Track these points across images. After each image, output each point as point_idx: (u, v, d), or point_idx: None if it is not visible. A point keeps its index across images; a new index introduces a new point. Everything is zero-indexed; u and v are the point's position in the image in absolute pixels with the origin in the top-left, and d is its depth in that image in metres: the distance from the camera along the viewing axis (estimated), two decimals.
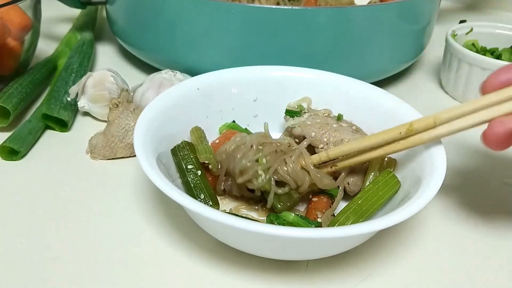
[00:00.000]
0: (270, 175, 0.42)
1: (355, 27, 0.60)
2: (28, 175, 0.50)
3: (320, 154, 0.44)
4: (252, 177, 0.42)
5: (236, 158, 0.43)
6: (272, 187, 0.42)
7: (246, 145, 0.43)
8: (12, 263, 0.40)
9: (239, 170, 0.42)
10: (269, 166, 0.42)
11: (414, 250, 0.43)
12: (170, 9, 0.61)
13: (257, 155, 0.42)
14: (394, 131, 0.42)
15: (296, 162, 0.43)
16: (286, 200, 0.43)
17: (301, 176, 0.43)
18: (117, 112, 0.53)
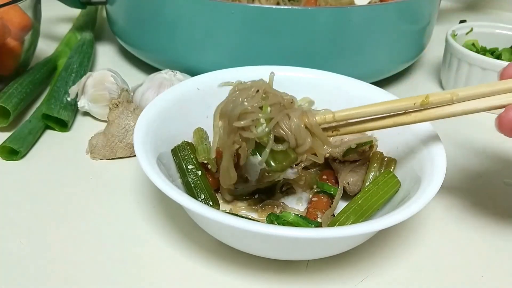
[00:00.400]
0: (271, 127, 0.38)
1: (355, 27, 0.60)
2: (28, 175, 0.50)
3: (325, 114, 0.41)
4: (251, 124, 0.38)
5: (237, 100, 0.39)
6: (270, 141, 0.39)
7: (251, 88, 0.39)
8: (12, 263, 0.40)
9: (239, 112, 0.39)
10: (271, 117, 0.38)
11: (414, 250, 0.43)
12: (170, 9, 0.61)
13: (262, 101, 0.39)
14: (408, 101, 0.40)
15: (299, 118, 0.39)
16: (282, 158, 0.39)
17: (303, 134, 0.39)
18: (117, 112, 0.53)
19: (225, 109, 0.40)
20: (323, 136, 0.40)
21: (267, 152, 0.39)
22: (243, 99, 0.39)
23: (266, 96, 0.39)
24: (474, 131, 0.61)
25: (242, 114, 0.39)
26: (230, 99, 0.40)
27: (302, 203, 0.47)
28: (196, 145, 0.47)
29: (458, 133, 0.61)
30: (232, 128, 0.39)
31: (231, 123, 0.39)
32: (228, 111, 0.39)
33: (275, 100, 0.39)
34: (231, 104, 0.39)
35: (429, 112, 0.40)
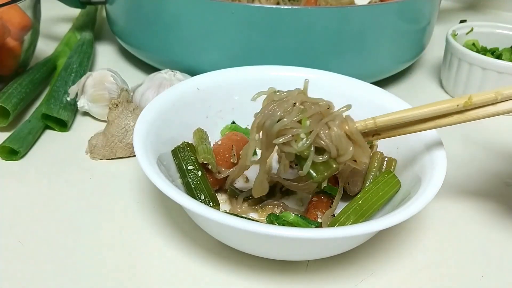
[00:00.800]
0: (312, 140, 0.37)
1: (355, 27, 0.60)
2: (28, 175, 0.50)
3: (366, 121, 0.40)
4: (291, 139, 0.38)
5: (275, 115, 0.38)
6: (311, 153, 0.38)
7: (287, 101, 0.38)
8: (12, 263, 0.40)
9: (277, 129, 0.38)
10: (311, 129, 0.38)
11: (414, 250, 0.43)
12: (170, 9, 0.61)
13: (300, 115, 0.38)
14: (450, 103, 0.39)
15: (339, 127, 0.38)
16: (324, 169, 0.39)
17: (344, 144, 0.38)
18: (117, 112, 0.53)
19: (262, 123, 0.39)
20: (364, 144, 0.40)
21: (308, 165, 0.38)
22: (281, 113, 0.38)
23: (304, 108, 0.38)
24: (474, 131, 0.61)
25: (281, 130, 0.38)
26: (267, 114, 0.39)
27: (302, 203, 0.47)
28: (196, 146, 0.47)
29: (458, 133, 0.61)
30: (271, 142, 0.39)
31: (270, 138, 0.39)
32: (266, 127, 0.39)
33: (313, 111, 0.38)
34: (268, 120, 0.39)
35: (471, 113, 0.39)
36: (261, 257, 0.41)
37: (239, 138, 0.50)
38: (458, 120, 0.39)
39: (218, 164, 0.46)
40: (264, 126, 0.39)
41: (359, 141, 0.39)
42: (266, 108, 0.40)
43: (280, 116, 0.38)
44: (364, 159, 0.40)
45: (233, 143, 0.49)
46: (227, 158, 0.48)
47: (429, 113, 0.39)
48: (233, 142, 0.49)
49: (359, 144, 0.39)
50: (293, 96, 0.39)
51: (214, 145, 0.49)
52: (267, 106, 0.40)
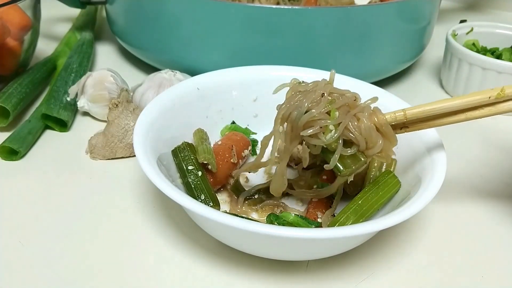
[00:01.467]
0: (340, 132, 0.36)
1: (355, 27, 0.60)
2: (28, 175, 0.50)
3: (396, 113, 0.39)
4: (319, 131, 0.36)
5: (302, 106, 0.37)
6: (339, 146, 0.37)
7: (315, 92, 0.37)
8: (12, 263, 0.40)
9: (306, 120, 0.36)
10: (340, 121, 0.36)
11: (414, 251, 0.43)
12: (170, 9, 0.61)
13: (329, 106, 0.36)
14: (482, 94, 0.38)
15: (369, 119, 0.37)
16: (351, 163, 0.37)
17: (374, 136, 0.37)
18: (117, 112, 0.53)
19: (287, 114, 0.38)
20: (393, 136, 0.39)
21: (336, 158, 0.37)
22: (309, 104, 0.37)
23: (332, 99, 0.37)
24: (474, 132, 0.61)
25: (309, 122, 0.37)
26: (293, 104, 0.38)
27: (302, 203, 0.47)
28: (196, 146, 0.47)
29: (458, 133, 0.61)
30: (297, 135, 0.38)
31: (296, 130, 0.38)
32: (293, 118, 0.37)
33: (341, 102, 0.37)
34: (295, 111, 0.37)
35: (503, 105, 0.38)
36: (261, 257, 0.41)
37: (239, 138, 0.51)
38: (489, 113, 0.39)
39: (218, 164, 0.46)
40: (290, 117, 0.38)
41: (388, 134, 0.38)
42: (291, 99, 0.38)
43: (308, 107, 0.37)
44: (391, 153, 0.39)
45: (233, 143, 0.49)
46: (227, 158, 0.48)
47: (460, 105, 0.38)
48: (233, 142, 0.49)
49: (388, 137, 0.38)
50: (321, 86, 0.37)
51: (214, 145, 0.49)
52: (293, 97, 0.38)
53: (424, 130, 0.45)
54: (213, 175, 0.46)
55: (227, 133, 0.52)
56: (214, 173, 0.46)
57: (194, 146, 0.47)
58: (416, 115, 0.39)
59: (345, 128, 0.37)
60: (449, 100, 0.39)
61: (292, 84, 0.40)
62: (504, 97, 0.38)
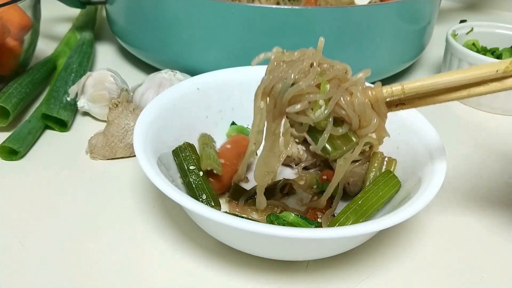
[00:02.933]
0: (331, 108, 0.32)
1: (355, 27, 0.60)
2: (28, 175, 0.50)
3: (393, 87, 0.35)
4: (307, 107, 0.32)
5: (289, 78, 0.31)
6: (328, 124, 0.32)
7: (302, 61, 0.32)
8: (12, 263, 0.40)
9: (292, 94, 0.31)
10: (331, 96, 0.31)
11: (414, 251, 0.43)
12: (170, 9, 0.61)
13: (319, 78, 0.32)
14: (489, 68, 0.34)
15: (363, 94, 0.33)
16: (342, 143, 0.33)
17: (369, 114, 0.32)
18: (117, 112, 0.53)
19: (269, 88, 0.33)
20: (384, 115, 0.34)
21: (325, 138, 0.33)
22: (296, 76, 0.32)
23: (323, 70, 0.32)
24: (474, 132, 0.61)
25: (296, 95, 0.32)
26: (276, 76, 0.33)
27: (302, 203, 0.47)
28: (200, 153, 0.46)
29: (458, 133, 0.61)
30: (280, 112, 0.33)
31: (281, 106, 0.33)
32: (277, 92, 0.32)
33: (332, 74, 0.32)
34: (279, 84, 0.32)
35: (510, 81, 0.34)
36: (261, 257, 0.41)
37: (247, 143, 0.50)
38: (494, 89, 0.35)
39: (225, 169, 0.46)
40: (274, 91, 0.33)
41: (381, 111, 0.34)
42: (274, 70, 0.33)
43: (295, 79, 0.32)
44: (385, 133, 0.35)
45: (242, 149, 0.48)
46: (234, 165, 0.47)
47: (464, 79, 0.34)
48: (242, 148, 0.49)
49: (381, 116, 0.34)
50: (309, 55, 0.32)
51: (222, 147, 0.49)
52: (276, 68, 0.33)
53: (424, 130, 0.45)
54: (218, 179, 0.46)
55: (235, 136, 0.51)
56: (219, 177, 0.46)
57: (195, 146, 0.47)
58: (415, 90, 0.35)
59: (336, 104, 0.32)
60: (451, 74, 0.35)
61: (275, 53, 0.34)
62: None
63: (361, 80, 0.34)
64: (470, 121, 0.64)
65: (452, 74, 0.35)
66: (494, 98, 0.64)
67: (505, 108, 0.65)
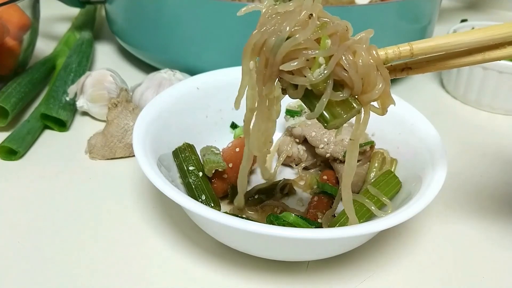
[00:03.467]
0: (332, 68, 0.28)
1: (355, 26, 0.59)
2: (27, 175, 0.50)
3: (400, 47, 0.31)
4: (305, 65, 0.27)
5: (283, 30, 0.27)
6: (328, 87, 0.28)
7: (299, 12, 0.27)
8: (11, 263, 0.40)
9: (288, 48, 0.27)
10: (332, 53, 0.28)
11: (414, 251, 0.43)
12: (170, 9, 0.61)
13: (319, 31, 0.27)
14: (505, 28, 0.30)
15: (367, 53, 0.29)
16: (342, 111, 0.29)
17: (373, 77, 0.28)
18: (116, 111, 0.53)
19: (260, 43, 0.28)
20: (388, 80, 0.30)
21: (324, 103, 0.28)
22: (292, 28, 0.27)
23: (322, 23, 0.28)
24: (475, 132, 0.61)
25: (292, 51, 0.28)
26: (267, 28, 0.28)
27: (302, 203, 0.47)
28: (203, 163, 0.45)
29: (459, 133, 0.60)
30: (273, 72, 0.29)
31: (273, 65, 0.28)
32: (269, 48, 0.28)
33: (333, 28, 0.28)
34: (273, 37, 0.28)
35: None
36: (261, 257, 0.40)
37: None
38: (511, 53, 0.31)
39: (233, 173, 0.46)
40: (266, 46, 0.28)
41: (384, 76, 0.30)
42: (266, 22, 0.29)
43: (291, 32, 0.27)
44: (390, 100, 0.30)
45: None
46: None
47: (479, 40, 0.31)
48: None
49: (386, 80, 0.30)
50: (307, 6, 0.28)
51: (230, 149, 0.49)
52: (269, 21, 0.29)
53: (424, 130, 0.45)
54: (223, 181, 0.46)
55: (243, 138, 0.50)
56: (225, 179, 0.46)
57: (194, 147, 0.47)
58: (424, 51, 0.31)
59: (338, 64, 0.28)
60: (464, 35, 0.31)
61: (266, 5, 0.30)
62: None
63: (365, 38, 0.30)
64: (470, 121, 0.64)
65: (464, 35, 0.31)
66: (494, 98, 0.64)
67: (505, 108, 0.65)
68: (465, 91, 0.67)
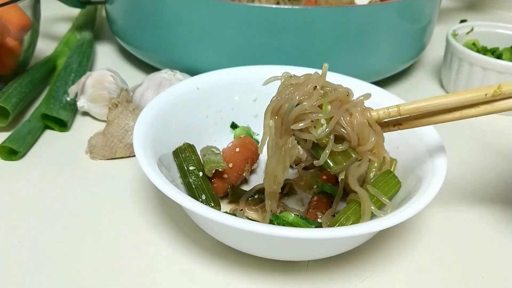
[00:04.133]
0: (332, 127, 0.35)
1: (355, 27, 0.60)
2: (27, 175, 0.50)
3: (389, 108, 0.38)
4: (310, 125, 0.35)
5: (294, 99, 0.36)
6: (330, 141, 0.36)
7: (307, 84, 0.36)
8: (11, 263, 0.40)
9: (296, 113, 0.36)
10: (332, 115, 0.35)
11: (414, 251, 0.43)
12: (170, 9, 0.61)
13: (321, 99, 0.36)
14: (478, 92, 0.36)
15: (362, 114, 0.36)
16: (342, 159, 0.36)
17: (366, 132, 0.36)
18: (117, 112, 0.53)
19: (277, 107, 0.37)
20: (381, 134, 0.38)
21: (326, 154, 0.36)
22: (300, 97, 0.36)
23: (324, 92, 0.36)
24: (475, 131, 0.61)
25: (300, 115, 0.36)
26: (283, 97, 0.37)
27: (302, 203, 0.47)
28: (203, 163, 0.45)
29: (459, 133, 0.60)
30: (287, 129, 0.37)
31: (287, 124, 0.37)
32: (283, 112, 0.36)
33: (334, 96, 0.36)
34: (286, 104, 0.36)
35: (500, 104, 0.37)
36: (261, 257, 0.41)
37: (254, 149, 0.50)
38: (485, 111, 0.37)
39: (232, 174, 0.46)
40: (281, 110, 0.37)
41: (377, 131, 0.37)
42: (282, 92, 0.37)
43: (299, 100, 0.36)
44: (383, 151, 0.38)
45: (249, 154, 0.48)
46: (241, 170, 0.47)
47: (456, 102, 0.37)
48: (249, 153, 0.49)
49: (379, 135, 0.37)
50: (313, 79, 0.37)
51: (231, 150, 0.49)
52: (284, 90, 0.37)
53: (424, 130, 0.45)
54: (223, 181, 0.46)
55: (242, 139, 0.51)
56: (225, 179, 0.46)
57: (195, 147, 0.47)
58: (410, 111, 0.38)
59: (337, 123, 0.36)
60: (444, 97, 0.37)
61: (283, 77, 0.39)
62: (501, 95, 0.36)
63: (360, 102, 0.37)
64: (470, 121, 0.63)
65: (444, 98, 0.37)
66: None
67: None
68: None
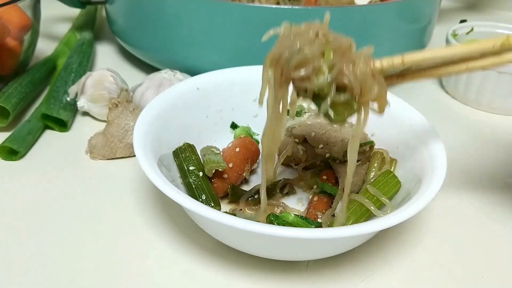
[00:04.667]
0: (334, 75, 0.34)
1: (355, 27, 0.60)
2: (28, 175, 0.50)
3: (394, 58, 0.37)
4: (312, 73, 0.34)
5: (295, 45, 0.34)
6: (331, 91, 0.34)
7: (308, 32, 0.35)
8: (12, 263, 0.40)
9: (297, 61, 0.34)
10: (334, 63, 0.34)
11: (414, 251, 0.43)
12: (170, 9, 0.61)
13: (323, 46, 0.34)
14: (486, 43, 0.36)
15: (365, 63, 0.35)
16: (343, 110, 0.35)
17: (370, 82, 0.35)
18: (117, 112, 0.53)
19: (277, 56, 0.35)
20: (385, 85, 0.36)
21: (327, 103, 0.34)
22: (302, 44, 0.34)
23: (326, 40, 0.35)
24: (474, 132, 0.61)
25: (301, 62, 0.34)
26: (284, 45, 0.35)
27: (302, 203, 0.47)
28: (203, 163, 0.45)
29: (458, 133, 0.61)
30: (287, 79, 0.36)
31: (287, 73, 0.35)
32: (283, 59, 0.35)
33: (336, 44, 0.35)
34: (286, 51, 0.35)
35: (507, 55, 0.36)
36: (261, 257, 0.41)
37: (254, 149, 0.50)
38: (492, 63, 0.36)
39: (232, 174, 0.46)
40: (281, 58, 0.35)
41: (382, 82, 0.36)
42: (282, 40, 0.36)
43: (300, 47, 0.34)
44: (385, 102, 0.36)
45: (249, 155, 0.48)
46: (241, 171, 0.47)
47: (462, 53, 0.36)
48: (250, 153, 0.49)
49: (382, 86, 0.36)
50: (315, 27, 0.35)
51: (231, 150, 0.49)
52: (284, 39, 0.36)
53: (424, 129, 0.45)
54: (223, 181, 0.46)
55: (243, 138, 0.51)
56: (225, 179, 0.46)
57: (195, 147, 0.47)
58: (415, 62, 0.37)
59: (339, 72, 0.34)
60: (450, 48, 0.37)
61: (283, 27, 0.37)
62: (509, 46, 0.36)
63: (365, 52, 0.36)
64: (470, 121, 0.64)
65: (450, 49, 0.37)
66: (493, 98, 0.64)
67: (505, 108, 0.65)
68: (465, 91, 0.67)
